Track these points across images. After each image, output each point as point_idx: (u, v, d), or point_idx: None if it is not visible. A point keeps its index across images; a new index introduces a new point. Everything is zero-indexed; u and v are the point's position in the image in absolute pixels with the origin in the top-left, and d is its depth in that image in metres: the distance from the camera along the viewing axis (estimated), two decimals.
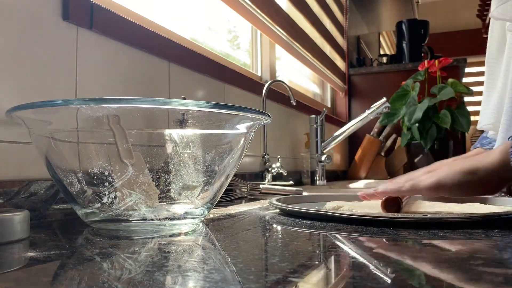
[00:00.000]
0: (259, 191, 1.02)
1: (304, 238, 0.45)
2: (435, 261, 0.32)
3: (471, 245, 0.39)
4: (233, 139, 0.52)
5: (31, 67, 0.62)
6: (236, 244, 0.42)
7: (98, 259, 0.34)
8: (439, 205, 0.59)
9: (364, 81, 2.64)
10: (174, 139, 0.47)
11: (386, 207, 0.55)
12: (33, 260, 0.34)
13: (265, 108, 1.37)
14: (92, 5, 0.73)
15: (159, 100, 0.44)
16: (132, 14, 0.92)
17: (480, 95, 0.91)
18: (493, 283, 0.26)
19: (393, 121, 2.10)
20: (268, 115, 0.53)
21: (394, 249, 0.38)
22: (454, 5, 4.60)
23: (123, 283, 0.27)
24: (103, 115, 0.44)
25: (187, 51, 1.01)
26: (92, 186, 0.46)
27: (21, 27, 0.61)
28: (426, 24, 2.78)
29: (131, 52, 0.83)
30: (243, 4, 1.28)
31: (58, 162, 0.48)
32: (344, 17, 2.67)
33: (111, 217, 0.47)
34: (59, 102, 0.43)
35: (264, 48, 1.67)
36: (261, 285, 0.26)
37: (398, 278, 0.28)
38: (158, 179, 0.47)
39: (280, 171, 1.35)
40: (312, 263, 0.33)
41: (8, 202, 0.55)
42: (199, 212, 0.52)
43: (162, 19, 1.03)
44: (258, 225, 0.54)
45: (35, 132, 0.48)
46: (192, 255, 0.36)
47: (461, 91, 1.99)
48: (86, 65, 0.72)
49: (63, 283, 0.28)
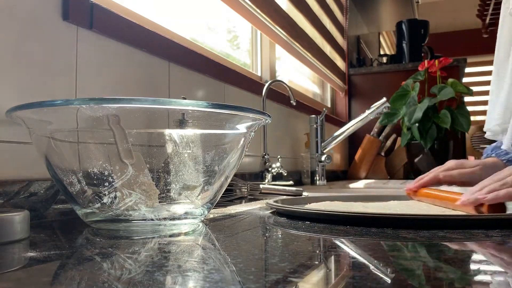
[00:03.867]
0: (259, 191, 1.02)
1: (304, 238, 0.45)
2: (435, 261, 0.32)
3: (471, 245, 0.39)
4: (233, 139, 0.52)
5: (31, 67, 0.62)
6: (236, 244, 0.42)
7: (98, 259, 0.34)
8: None
9: (364, 81, 2.63)
10: (174, 139, 0.47)
11: (493, 210, 0.54)
12: (33, 260, 0.34)
13: (265, 108, 1.37)
14: (92, 5, 0.73)
15: (159, 100, 0.44)
16: (132, 14, 0.92)
17: (480, 95, 0.92)
18: (493, 283, 0.26)
19: (393, 121, 2.10)
20: (268, 115, 0.53)
21: (394, 249, 0.38)
22: (454, 5, 4.60)
23: (123, 283, 0.27)
24: (103, 115, 0.44)
25: (187, 51, 1.01)
26: (92, 186, 0.46)
27: (21, 27, 0.61)
28: (426, 24, 2.78)
29: (131, 52, 0.83)
30: (243, 4, 1.28)
31: (58, 162, 0.48)
32: (344, 17, 2.67)
33: (111, 217, 0.47)
34: (59, 102, 0.43)
35: (264, 48, 1.67)
36: (261, 285, 0.26)
37: (398, 278, 0.28)
38: (158, 179, 0.47)
39: (280, 171, 1.35)
40: (312, 263, 0.33)
41: (8, 202, 0.55)
42: (199, 212, 0.52)
43: (162, 19, 1.03)
44: (258, 225, 0.54)
45: (35, 132, 0.48)
46: (192, 255, 0.36)
47: (461, 91, 1.99)
48: (86, 65, 0.72)
49: (63, 283, 0.28)
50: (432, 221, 0.49)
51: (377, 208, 0.59)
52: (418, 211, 0.59)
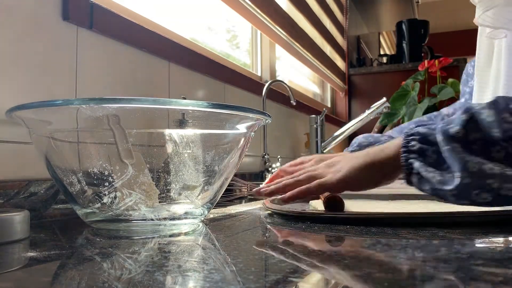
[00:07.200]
0: None
1: (304, 238, 0.45)
2: (435, 261, 0.32)
3: (471, 245, 0.39)
4: (233, 139, 0.52)
5: (31, 67, 0.62)
6: (236, 244, 0.42)
7: (98, 259, 0.34)
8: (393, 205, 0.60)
9: (364, 81, 2.63)
10: (174, 139, 0.47)
11: (329, 208, 0.55)
12: (33, 260, 0.34)
13: (265, 108, 1.37)
14: (92, 5, 0.73)
15: (159, 100, 0.44)
16: (132, 14, 0.92)
17: None
18: (493, 283, 0.26)
19: (393, 121, 2.10)
20: (268, 115, 0.53)
21: (394, 249, 0.38)
22: (454, 5, 4.59)
23: (123, 283, 0.27)
24: (103, 115, 0.44)
25: (187, 51, 1.01)
26: (92, 186, 0.46)
27: (21, 27, 0.61)
28: (426, 24, 2.78)
29: (131, 52, 0.83)
30: (243, 4, 1.28)
31: (58, 162, 0.48)
32: (344, 17, 2.67)
33: (111, 217, 0.47)
34: (59, 102, 0.43)
35: (264, 48, 1.67)
36: (261, 285, 0.26)
37: (397, 278, 0.28)
38: (158, 179, 0.47)
39: None
40: (312, 263, 0.33)
41: (8, 202, 0.55)
42: (199, 212, 0.52)
43: (162, 19, 1.03)
44: (258, 225, 0.54)
45: (35, 132, 0.48)
46: (192, 255, 0.36)
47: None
48: (86, 65, 0.72)
49: (63, 283, 0.28)
50: (432, 219, 0.49)
51: (382, 208, 0.59)
52: (418, 211, 0.59)
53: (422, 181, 0.50)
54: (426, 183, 0.49)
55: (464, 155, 0.46)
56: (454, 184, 0.46)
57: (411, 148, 0.50)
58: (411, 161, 0.50)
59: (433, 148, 0.49)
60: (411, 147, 0.50)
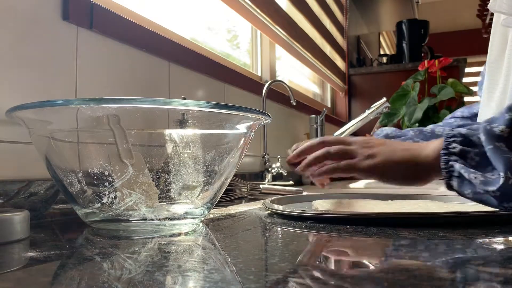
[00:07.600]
0: (259, 191, 1.02)
1: (304, 238, 0.45)
2: (435, 261, 0.32)
3: (471, 245, 0.39)
4: (233, 139, 0.52)
5: (31, 67, 0.62)
6: (236, 244, 0.42)
7: (98, 259, 0.34)
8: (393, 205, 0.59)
9: (364, 81, 2.63)
10: (174, 139, 0.47)
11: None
12: (33, 260, 0.34)
13: (265, 108, 1.37)
14: (92, 5, 0.73)
15: (159, 100, 0.44)
16: (132, 14, 0.92)
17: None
18: (493, 283, 0.26)
19: (393, 121, 2.10)
20: (268, 115, 0.53)
21: (394, 249, 0.38)
22: (454, 5, 4.60)
23: (123, 283, 0.27)
24: (103, 115, 0.44)
25: (187, 51, 1.01)
26: (92, 186, 0.46)
27: (21, 27, 0.61)
28: (426, 24, 2.78)
29: (131, 52, 0.83)
30: (243, 4, 1.28)
31: (58, 162, 0.48)
32: (344, 17, 2.67)
33: (111, 217, 0.47)
34: (59, 102, 0.43)
35: (264, 48, 1.67)
36: (261, 285, 0.26)
37: (397, 278, 0.28)
38: (158, 179, 0.47)
39: (280, 171, 1.35)
40: (312, 263, 0.33)
41: (8, 202, 0.55)
42: (199, 212, 0.52)
43: (162, 19, 1.03)
44: (258, 225, 0.54)
45: (35, 132, 0.48)
46: (192, 255, 0.36)
47: (461, 91, 1.99)
48: (86, 65, 0.72)
49: (63, 283, 0.28)
50: (432, 219, 0.49)
51: (380, 207, 0.59)
52: (418, 211, 0.59)
53: (463, 184, 0.48)
54: (467, 186, 0.47)
55: (509, 154, 0.44)
56: (498, 185, 0.44)
57: (452, 150, 0.49)
58: (451, 163, 0.48)
59: (475, 150, 0.47)
60: (452, 149, 0.49)
